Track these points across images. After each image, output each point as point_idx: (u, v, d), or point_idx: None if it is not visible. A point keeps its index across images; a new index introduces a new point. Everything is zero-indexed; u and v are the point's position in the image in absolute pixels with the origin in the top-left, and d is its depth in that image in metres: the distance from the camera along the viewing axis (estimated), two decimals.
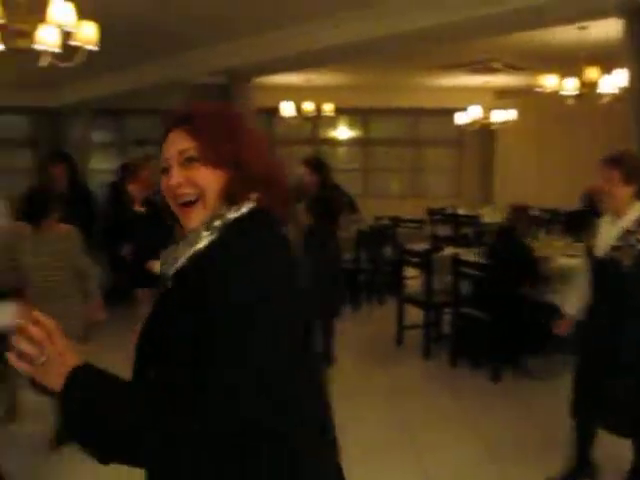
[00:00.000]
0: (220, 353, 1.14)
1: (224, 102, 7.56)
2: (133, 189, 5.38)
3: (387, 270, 7.75)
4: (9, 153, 12.06)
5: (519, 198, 5.70)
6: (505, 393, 4.89)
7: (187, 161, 1.29)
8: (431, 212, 10.56)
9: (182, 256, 1.27)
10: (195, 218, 1.29)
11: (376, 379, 5.23)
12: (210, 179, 1.28)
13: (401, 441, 4.08)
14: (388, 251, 7.84)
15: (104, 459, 1.18)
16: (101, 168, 12.11)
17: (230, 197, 1.29)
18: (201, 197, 1.29)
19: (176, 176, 1.29)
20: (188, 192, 1.29)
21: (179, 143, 1.30)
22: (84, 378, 1.18)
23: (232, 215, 1.28)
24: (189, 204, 1.30)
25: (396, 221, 9.20)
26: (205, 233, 1.26)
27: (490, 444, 4.01)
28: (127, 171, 6.93)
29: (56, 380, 1.17)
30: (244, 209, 1.29)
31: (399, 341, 6.05)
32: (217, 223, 1.27)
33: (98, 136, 12.28)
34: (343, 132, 12.67)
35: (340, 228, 5.84)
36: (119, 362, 1.40)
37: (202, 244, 1.26)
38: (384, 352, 5.94)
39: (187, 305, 1.19)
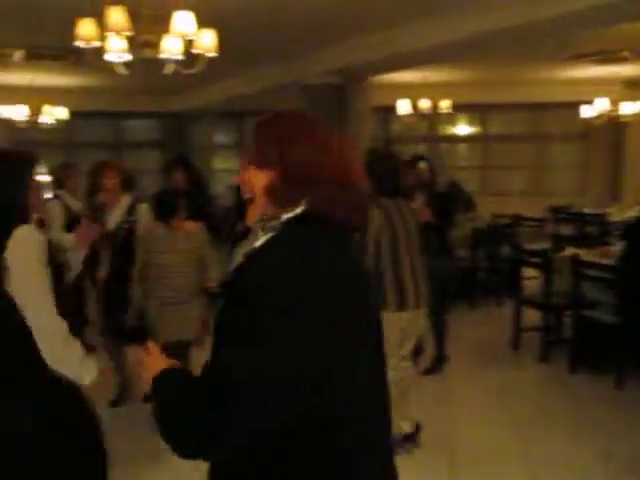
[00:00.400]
0: (257, 353, 1.19)
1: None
2: None
3: (505, 270, 7.53)
4: (141, 155, 12.86)
5: None
6: (630, 402, 4.62)
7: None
8: (554, 210, 10.15)
9: (241, 254, 1.35)
10: (251, 213, 1.42)
11: (489, 380, 5.10)
12: (257, 178, 1.40)
13: (511, 443, 3.96)
14: (506, 250, 7.62)
15: (184, 454, 1.27)
16: (223, 168, 12.64)
17: (274, 196, 1.36)
18: (254, 195, 1.41)
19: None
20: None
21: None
22: (172, 379, 1.35)
23: (285, 216, 1.34)
24: (250, 201, 1.44)
25: (516, 219, 8.90)
26: (261, 233, 1.37)
27: (607, 453, 3.79)
28: None
29: (150, 382, 1.38)
30: (298, 210, 1.34)
31: (515, 344, 5.85)
32: (272, 223, 1.35)
33: (220, 138, 12.81)
34: (461, 129, 12.44)
35: (455, 225, 5.77)
36: None
37: (258, 243, 1.34)
38: (499, 354, 5.78)
39: (231, 303, 1.28)
